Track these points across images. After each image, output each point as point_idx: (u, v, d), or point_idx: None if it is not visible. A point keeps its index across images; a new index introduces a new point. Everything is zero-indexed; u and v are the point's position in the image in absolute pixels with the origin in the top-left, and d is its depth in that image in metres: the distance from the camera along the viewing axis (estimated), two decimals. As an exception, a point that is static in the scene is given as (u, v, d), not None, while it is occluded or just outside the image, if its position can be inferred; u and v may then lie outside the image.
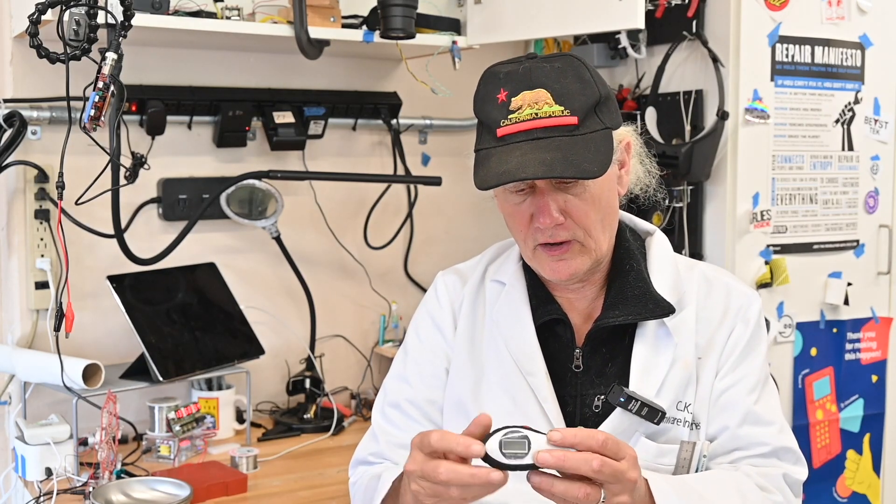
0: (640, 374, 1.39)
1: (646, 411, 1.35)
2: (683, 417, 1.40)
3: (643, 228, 1.54)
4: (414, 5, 2.26)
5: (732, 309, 1.46)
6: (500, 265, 1.55)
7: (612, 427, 1.38)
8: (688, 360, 1.41)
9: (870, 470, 2.62)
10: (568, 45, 2.74)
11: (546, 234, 1.36)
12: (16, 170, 2.23)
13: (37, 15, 1.78)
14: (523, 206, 1.37)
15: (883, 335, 2.62)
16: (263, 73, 2.56)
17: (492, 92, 1.36)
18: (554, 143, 1.30)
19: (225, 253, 2.53)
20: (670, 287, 1.44)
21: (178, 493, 1.88)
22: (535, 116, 1.32)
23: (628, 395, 1.35)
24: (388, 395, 1.55)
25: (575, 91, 1.33)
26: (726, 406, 1.42)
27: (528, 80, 1.34)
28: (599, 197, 1.37)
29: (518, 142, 1.32)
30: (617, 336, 1.43)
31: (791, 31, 2.38)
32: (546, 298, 1.46)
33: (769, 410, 1.44)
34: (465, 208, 2.86)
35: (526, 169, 1.28)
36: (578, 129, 1.32)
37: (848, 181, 2.53)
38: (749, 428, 1.41)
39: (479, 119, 1.39)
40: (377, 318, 2.78)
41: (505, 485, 1.12)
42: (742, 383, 1.42)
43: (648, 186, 1.50)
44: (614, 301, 1.42)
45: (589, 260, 1.39)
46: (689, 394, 1.41)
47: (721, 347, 1.44)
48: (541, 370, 1.42)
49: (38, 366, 2.15)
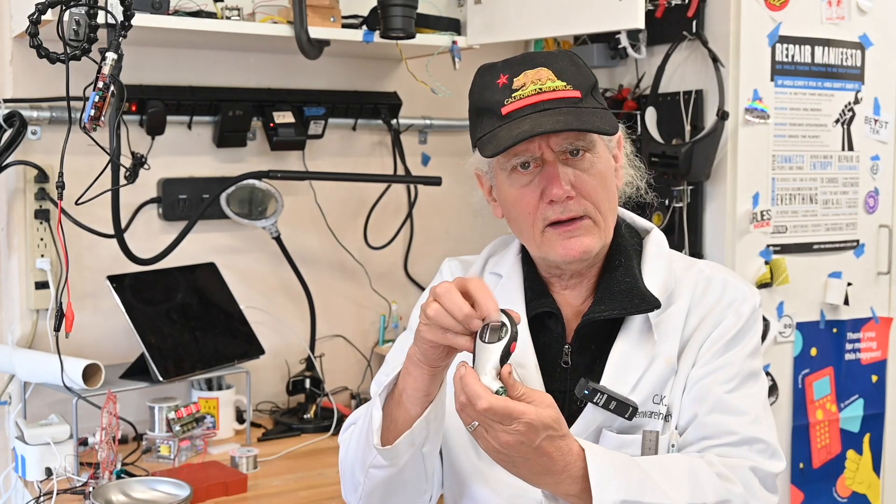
0: (614, 369, 1.38)
1: (614, 405, 1.33)
2: (659, 410, 1.38)
3: (642, 226, 1.53)
4: (414, 5, 2.26)
5: (724, 301, 1.43)
6: (499, 258, 1.55)
7: (585, 422, 1.37)
8: (670, 357, 1.39)
9: (870, 470, 2.62)
10: (568, 44, 2.73)
11: (557, 210, 1.35)
12: (16, 170, 2.23)
13: (37, 15, 1.78)
14: (531, 186, 1.36)
15: (883, 335, 2.62)
16: (263, 73, 2.56)
17: (490, 80, 1.37)
18: (562, 111, 1.31)
19: (225, 253, 2.53)
20: (660, 284, 1.42)
21: (178, 493, 1.88)
22: (539, 91, 1.33)
23: (593, 388, 1.33)
24: (388, 365, 1.54)
25: (573, 71, 1.36)
26: (698, 395, 1.38)
27: (528, 61, 1.36)
28: (605, 174, 1.38)
29: (525, 115, 1.32)
30: (606, 333, 1.42)
31: (791, 31, 2.38)
32: (541, 292, 1.46)
33: (744, 401, 1.38)
34: (465, 208, 2.83)
35: (543, 125, 1.29)
36: (583, 102, 1.33)
37: (848, 181, 2.53)
38: (718, 416, 1.37)
39: (478, 108, 1.39)
40: (377, 318, 2.78)
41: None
42: (718, 373, 1.38)
43: (639, 189, 1.50)
44: (602, 297, 1.42)
45: (599, 239, 1.38)
46: (667, 388, 1.39)
47: (703, 338, 1.41)
48: (531, 363, 1.42)
49: (38, 366, 2.15)
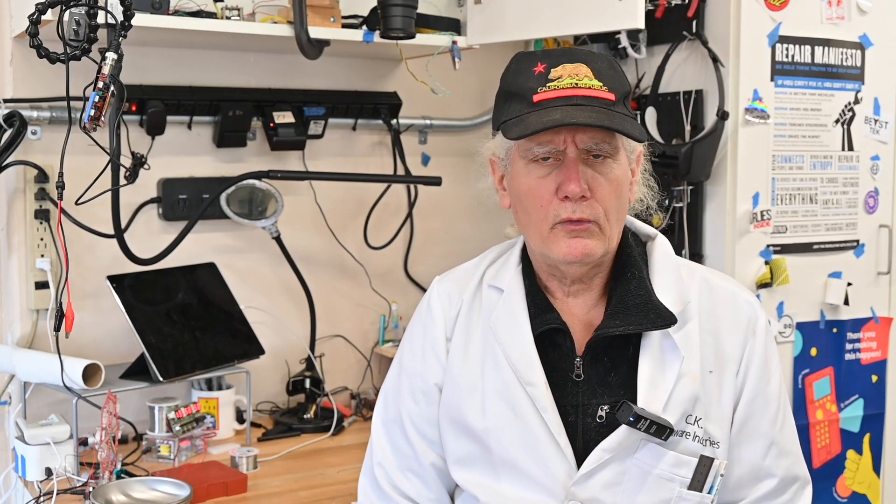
0: (647, 389, 1.36)
1: (654, 429, 1.33)
2: (693, 431, 1.38)
3: (644, 232, 1.51)
4: (414, 5, 2.26)
5: (742, 322, 1.43)
6: (498, 269, 1.51)
7: (617, 441, 1.36)
8: (695, 374, 1.38)
9: (870, 470, 2.62)
10: (568, 45, 2.73)
11: (569, 209, 1.34)
12: (16, 170, 2.23)
13: (37, 15, 1.78)
14: (548, 179, 1.35)
15: (883, 335, 2.62)
16: (263, 73, 2.56)
17: (527, 66, 1.36)
18: (595, 109, 1.31)
19: (225, 253, 2.53)
20: (673, 296, 1.41)
21: (178, 493, 1.88)
22: (575, 86, 1.32)
23: (637, 413, 1.32)
24: (389, 410, 1.54)
25: (611, 75, 1.35)
26: (749, 436, 1.42)
27: (569, 55, 1.35)
28: (621, 184, 1.37)
29: (556, 106, 1.31)
30: (619, 345, 1.40)
31: (791, 31, 2.38)
32: (545, 307, 1.43)
33: (790, 439, 1.46)
34: (465, 208, 2.86)
35: (575, 117, 1.28)
36: (615, 106, 1.33)
37: (848, 181, 2.53)
38: (772, 460, 1.43)
39: (509, 92, 1.38)
40: (377, 318, 2.78)
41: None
42: (765, 412, 1.43)
43: (649, 208, 1.49)
44: (615, 310, 1.39)
45: (602, 246, 1.37)
46: (698, 408, 1.38)
47: (736, 365, 1.42)
48: (540, 380, 1.39)
49: (38, 366, 2.15)
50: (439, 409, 1.49)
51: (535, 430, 1.38)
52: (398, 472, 1.51)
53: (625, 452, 1.36)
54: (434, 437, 1.49)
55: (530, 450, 1.39)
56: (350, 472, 2.11)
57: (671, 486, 1.37)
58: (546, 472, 1.38)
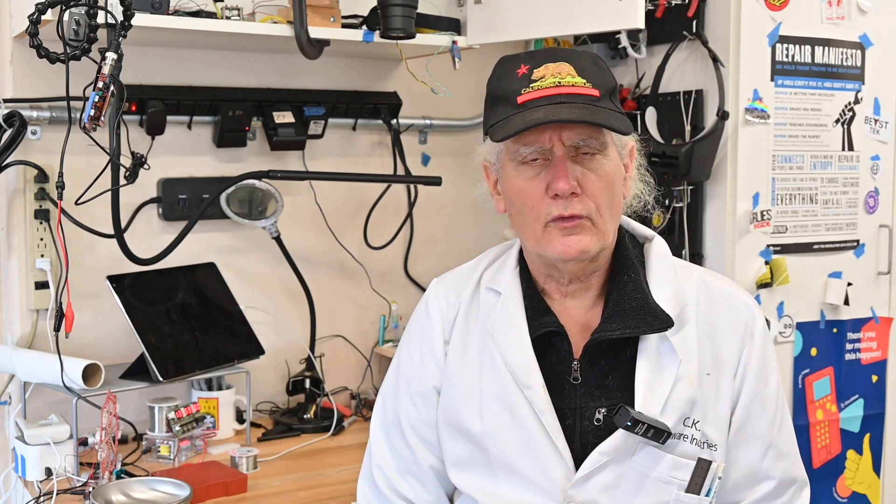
0: (644, 392, 1.36)
1: (651, 433, 1.33)
2: (691, 434, 1.38)
3: (641, 233, 1.51)
4: (414, 5, 2.26)
5: (739, 324, 1.43)
6: (495, 271, 1.51)
7: (614, 445, 1.36)
8: (692, 377, 1.38)
9: (870, 470, 2.62)
10: (568, 44, 2.73)
11: (561, 206, 1.33)
12: (16, 170, 2.23)
13: (37, 15, 1.78)
14: (537, 179, 1.35)
15: (883, 335, 2.62)
16: (263, 73, 2.56)
17: (510, 69, 1.36)
18: (578, 106, 1.31)
19: (225, 253, 2.53)
20: (670, 299, 1.40)
21: (178, 493, 1.88)
22: (558, 84, 1.32)
23: (635, 418, 1.32)
24: (387, 412, 1.55)
25: (595, 71, 1.35)
26: (746, 438, 1.42)
27: (551, 54, 1.35)
28: (612, 178, 1.36)
29: (540, 105, 1.31)
30: (616, 348, 1.40)
31: (791, 31, 2.38)
32: (542, 309, 1.43)
33: (788, 440, 1.46)
34: (465, 208, 2.86)
35: (557, 114, 1.29)
36: (600, 102, 1.33)
37: (848, 181, 2.53)
38: (770, 462, 1.43)
39: (495, 96, 1.38)
40: (377, 318, 2.78)
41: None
42: (762, 414, 1.43)
43: (646, 204, 1.48)
44: (612, 313, 1.39)
45: (597, 242, 1.36)
46: (696, 411, 1.38)
47: (734, 367, 1.42)
48: (538, 383, 1.39)
49: (38, 366, 2.15)
50: (437, 411, 1.49)
51: (533, 432, 1.38)
52: (397, 474, 1.51)
53: (622, 455, 1.36)
54: (432, 440, 1.50)
55: (528, 452, 1.39)
56: (350, 473, 2.11)
57: (669, 488, 1.37)
58: (544, 475, 1.38)
